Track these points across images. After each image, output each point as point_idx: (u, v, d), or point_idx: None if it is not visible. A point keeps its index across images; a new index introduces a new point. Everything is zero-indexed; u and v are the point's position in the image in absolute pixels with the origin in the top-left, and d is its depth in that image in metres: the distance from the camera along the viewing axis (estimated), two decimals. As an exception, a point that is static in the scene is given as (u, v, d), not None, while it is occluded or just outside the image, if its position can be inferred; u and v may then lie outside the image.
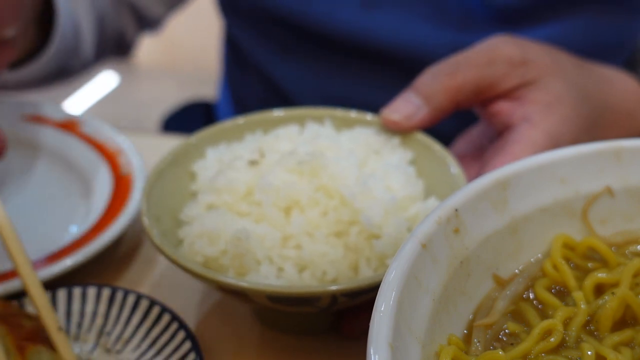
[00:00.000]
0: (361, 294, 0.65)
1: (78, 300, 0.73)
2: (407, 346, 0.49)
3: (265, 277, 0.66)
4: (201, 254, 0.69)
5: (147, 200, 0.72)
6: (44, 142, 0.98)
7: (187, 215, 0.73)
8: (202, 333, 0.75)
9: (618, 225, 0.63)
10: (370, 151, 0.76)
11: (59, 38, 0.97)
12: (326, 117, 0.81)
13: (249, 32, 1.15)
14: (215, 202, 0.72)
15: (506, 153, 0.75)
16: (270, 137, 0.78)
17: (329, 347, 0.73)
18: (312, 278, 0.67)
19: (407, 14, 1.02)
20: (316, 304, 0.65)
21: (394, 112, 0.78)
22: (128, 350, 0.70)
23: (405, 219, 0.70)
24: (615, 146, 0.62)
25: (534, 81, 0.79)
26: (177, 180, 0.77)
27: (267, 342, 0.74)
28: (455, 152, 0.84)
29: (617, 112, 0.85)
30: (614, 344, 0.53)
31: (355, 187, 0.69)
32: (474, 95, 0.79)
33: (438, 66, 0.79)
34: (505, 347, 0.54)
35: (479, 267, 0.58)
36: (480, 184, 0.59)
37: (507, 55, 0.79)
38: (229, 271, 0.68)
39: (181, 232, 0.72)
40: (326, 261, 0.67)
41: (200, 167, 0.77)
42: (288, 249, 0.68)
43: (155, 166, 0.76)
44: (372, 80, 1.08)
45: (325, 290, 0.63)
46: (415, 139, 0.78)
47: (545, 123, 0.77)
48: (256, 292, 0.64)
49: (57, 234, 0.86)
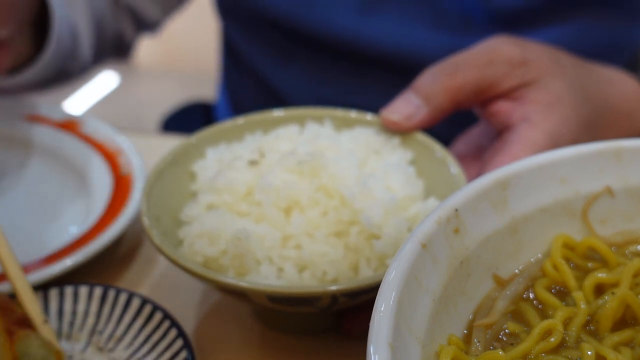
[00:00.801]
0: (361, 294, 0.65)
1: (70, 299, 0.73)
2: (407, 346, 0.49)
3: (265, 277, 0.66)
4: (201, 254, 0.69)
5: (147, 201, 0.72)
6: (43, 142, 0.98)
7: (187, 215, 0.73)
8: (201, 333, 0.75)
9: (618, 225, 0.63)
10: (370, 151, 0.76)
11: (55, 41, 0.97)
12: (326, 117, 0.81)
13: (246, 36, 1.15)
14: (215, 202, 0.72)
15: (505, 153, 0.75)
16: (270, 137, 0.78)
17: (329, 347, 0.73)
18: (312, 278, 0.67)
19: (405, 18, 1.02)
20: (316, 304, 0.65)
21: (393, 112, 0.78)
22: (120, 348, 0.70)
23: (405, 219, 0.70)
24: (615, 146, 0.62)
25: (533, 81, 0.79)
26: (177, 181, 0.77)
27: (267, 342, 0.74)
28: (455, 152, 0.84)
29: (617, 112, 0.85)
30: (614, 344, 0.53)
31: (355, 187, 0.69)
32: (474, 96, 0.79)
33: (438, 66, 0.79)
34: (505, 347, 0.54)
35: (479, 267, 0.58)
36: (480, 184, 0.59)
37: (507, 55, 0.79)
38: (229, 271, 0.68)
39: (181, 232, 0.72)
40: (326, 261, 0.67)
41: (200, 167, 0.77)
42: (288, 249, 0.68)
43: (155, 166, 0.76)
44: (370, 84, 1.08)
45: (326, 290, 0.63)
46: (415, 139, 0.78)
47: (545, 123, 0.77)
48: (256, 292, 0.64)
49: (57, 234, 0.86)
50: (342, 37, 1.03)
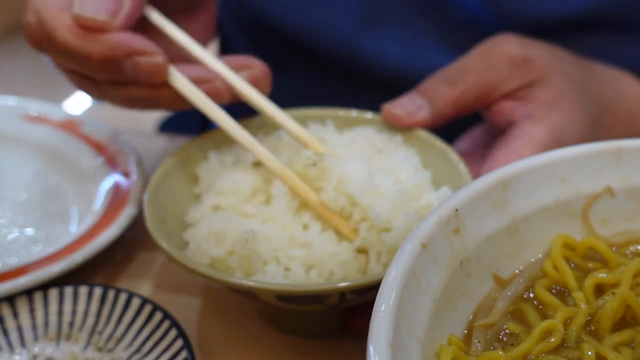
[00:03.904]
0: (369, 291, 0.65)
1: (70, 299, 0.73)
2: (407, 346, 0.49)
3: (273, 277, 0.66)
4: (208, 255, 0.68)
5: (151, 204, 0.72)
6: (43, 142, 0.98)
7: (192, 217, 0.73)
8: (201, 333, 0.75)
9: (618, 225, 0.63)
10: (373, 150, 0.77)
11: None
12: (328, 118, 0.82)
13: (244, 45, 1.14)
14: (220, 204, 0.72)
15: (508, 149, 0.75)
16: (272, 139, 0.78)
17: (333, 348, 0.73)
18: (319, 277, 0.67)
19: (410, 33, 0.97)
20: (325, 301, 0.65)
21: (396, 107, 0.79)
22: (120, 349, 0.71)
23: (417, 209, 0.70)
24: (615, 146, 0.62)
25: (536, 80, 0.79)
26: (180, 183, 0.77)
27: (268, 342, 0.74)
28: (458, 149, 0.84)
29: (619, 110, 0.85)
30: (614, 344, 0.53)
31: (363, 186, 0.69)
32: (475, 101, 0.79)
33: (440, 74, 0.80)
34: (506, 347, 0.54)
35: (479, 267, 0.58)
36: (480, 184, 0.59)
37: (509, 55, 0.79)
38: (236, 272, 0.68)
39: (187, 234, 0.72)
40: (334, 262, 0.67)
41: (203, 170, 0.77)
42: (295, 249, 0.68)
43: (158, 169, 0.76)
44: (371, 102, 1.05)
45: (334, 287, 0.63)
46: (417, 136, 0.79)
47: (548, 120, 0.77)
48: (265, 292, 0.64)
49: (57, 234, 0.86)
50: (343, 51, 0.99)
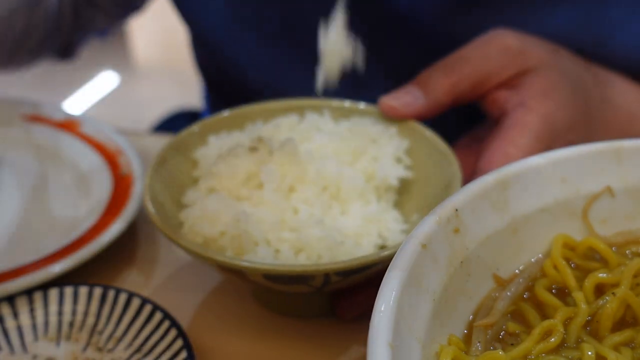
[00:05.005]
0: (354, 273, 0.66)
1: (70, 299, 0.73)
2: (407, 346, 0.49)
3: (263, 258, 0.69)
4: (201, 235, 0.71)
5: (150, 186, 0.74)
6: (43, 142, 0.98)
7: (189, 199, 0.75)
8: (201, 334, 0.75)
9: (618, 225, 0.63)
10: (368, 140, 0.79)
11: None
12: (325, 108, 0.83)
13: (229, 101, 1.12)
14: (216, 187, 0.74)
15: (502, 138, 0.76)
16: (270, 126, 0.80)
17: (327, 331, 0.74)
18: (307, 260, 0.69)
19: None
20: (310, 282, 0.67)
21: (393, 98, 0.80)
22: (120, 349, 0.70)
23: None
24: (615, 146, 0.62)
25: (530, 69, 0.80)
26: (179, 167, 0.79)
27: (267, 342, 0.74)
28: (458, 144, 0.85)
29: (620, 107, 0.86)
30: (614, 344, 0.53)
31: (352, 173, 0.72)
32: (470, 90, 0.80)
33: (437, 65, 0.81)
34: (506, 347, 0.54)
35: (479, 267, 0.58)
36: (480, 184, 0.59)
37: (505, 46, 0.80)
38: (227, 251, 0.70)
39: (182, 215, 0.74)
40: (323, 246, 0.69)
41: (202, 154, 0.79)
42: (285, 232, 0.70)
43: (158, 153, 0.77)
44: None
45: (318, 268, 0.65)
46: (410, 127, 0.81)
47: (541, 108, 0.77)
48: (253, 271, 0.66)
49: (57, 234, 0.86)
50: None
